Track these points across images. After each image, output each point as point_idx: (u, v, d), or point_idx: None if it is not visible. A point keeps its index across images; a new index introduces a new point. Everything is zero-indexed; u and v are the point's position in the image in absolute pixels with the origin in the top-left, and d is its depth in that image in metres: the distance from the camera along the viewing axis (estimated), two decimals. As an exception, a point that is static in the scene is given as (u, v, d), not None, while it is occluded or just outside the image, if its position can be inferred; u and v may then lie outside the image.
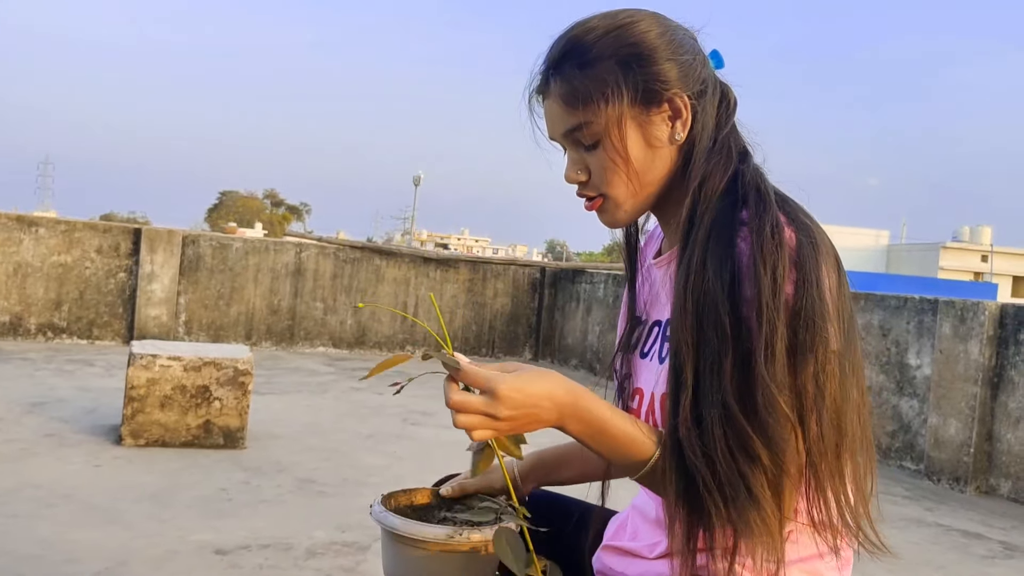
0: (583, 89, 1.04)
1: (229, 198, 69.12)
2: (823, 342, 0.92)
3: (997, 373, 4.58)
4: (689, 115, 1.05)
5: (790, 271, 0.93)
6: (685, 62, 1.05)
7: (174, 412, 3.99)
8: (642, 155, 1.05)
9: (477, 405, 0.94)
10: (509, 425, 0.95)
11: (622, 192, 1.07)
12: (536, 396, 0.95)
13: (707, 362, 0.94)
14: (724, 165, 1.05)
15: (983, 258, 53.88)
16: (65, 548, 2.63)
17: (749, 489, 0.90)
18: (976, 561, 3.39)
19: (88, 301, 7.38)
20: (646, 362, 1.13)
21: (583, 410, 0.97)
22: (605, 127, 1.04)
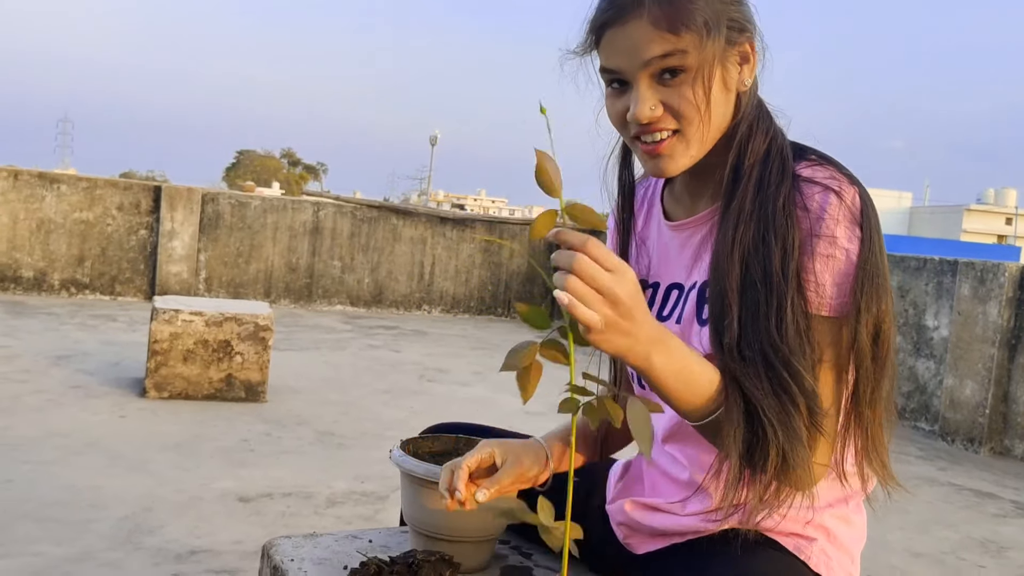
0: (686, 14, 0.96)
1: (246, 157, 69.15)
2: (885, 293, 0.97)
3: (1015, 335, 4.56)
4: (755, 62, 1.03)
5: (854, 229, 0.96)
6: (748, 10, 1.03)
7: (196, 366, 4.06)
8: (721, 99, 1.01)
9: (604, 279, 0.81)
10: (616, 318, 0.82)
11: (696, 134, 1.00)
12: (648, 316, 0.86)
13: (750, 311, 0.96)
14: (766, 123, 1.04)
15: (1007, 221, 53.19)
16: (91, 494, 2.70)
17: (795, 428, 0.92)
18: (988, 519, 3.41)
19: (110, 257, 7.46)
20: (669, 325, 1.11)
21: (672, 340, 0.90)
22: (700, 60, 0.97)
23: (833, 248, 0.96)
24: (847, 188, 0.97)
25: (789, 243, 0.96)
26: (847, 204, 0.96)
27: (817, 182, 0.98)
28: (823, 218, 0.96)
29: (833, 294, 0.96)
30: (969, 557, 2.95)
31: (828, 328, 0.96)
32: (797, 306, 0.95)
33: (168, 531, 2.47)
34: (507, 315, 8.87)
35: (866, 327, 0.95)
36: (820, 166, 1.00)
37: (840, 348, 0.97)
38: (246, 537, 2.48)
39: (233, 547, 2.40)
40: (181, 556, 2.30)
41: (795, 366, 0.93)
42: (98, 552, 2.27)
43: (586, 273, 0.81)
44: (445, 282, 8.65)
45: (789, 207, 0.97)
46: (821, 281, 0.96)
